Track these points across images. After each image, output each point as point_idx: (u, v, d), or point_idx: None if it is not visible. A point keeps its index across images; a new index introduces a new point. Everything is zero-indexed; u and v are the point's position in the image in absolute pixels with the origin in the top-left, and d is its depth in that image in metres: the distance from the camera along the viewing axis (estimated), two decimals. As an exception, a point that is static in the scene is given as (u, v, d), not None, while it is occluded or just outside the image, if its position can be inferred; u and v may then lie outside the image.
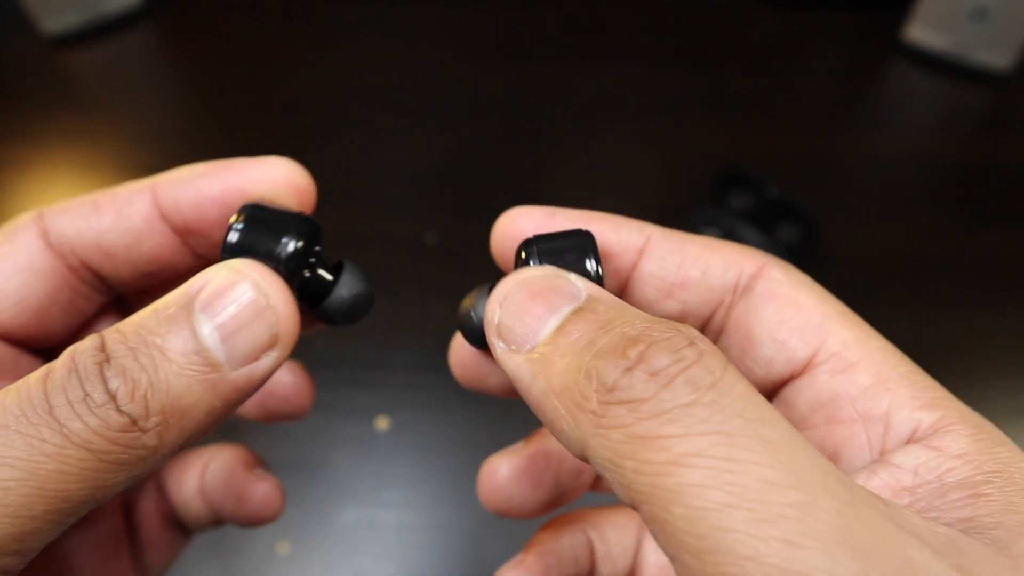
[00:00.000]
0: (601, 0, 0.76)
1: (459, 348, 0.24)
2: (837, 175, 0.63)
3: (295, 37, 0.74)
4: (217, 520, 0.28)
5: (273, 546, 0.45)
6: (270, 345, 0.18)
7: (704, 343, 0.15)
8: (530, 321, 0.17)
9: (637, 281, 0.22)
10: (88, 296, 0.23)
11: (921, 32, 0.69)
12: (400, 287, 0.55)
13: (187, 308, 0.17)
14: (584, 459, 0.16)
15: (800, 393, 0.20)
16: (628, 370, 0.15)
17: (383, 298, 0.57)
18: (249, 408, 0.26)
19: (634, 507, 0.15)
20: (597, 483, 0.26)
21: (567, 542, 0.24)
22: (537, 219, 0.22)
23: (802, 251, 0.56)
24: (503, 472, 0.24)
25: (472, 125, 0.67)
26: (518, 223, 0.22)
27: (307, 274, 0.20)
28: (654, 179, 0.63)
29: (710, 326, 0.22)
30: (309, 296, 0.21)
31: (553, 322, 0.17)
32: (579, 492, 0.25)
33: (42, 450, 0.16)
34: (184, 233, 0.22)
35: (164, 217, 0.21)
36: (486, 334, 0.18)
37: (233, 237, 0.19)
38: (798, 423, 0.20)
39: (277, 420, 0.27)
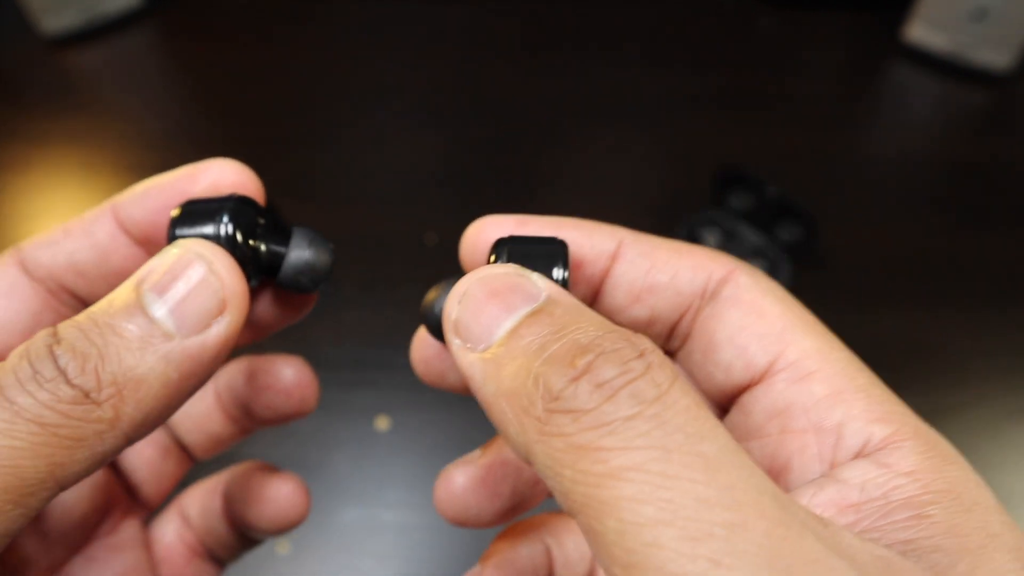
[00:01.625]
0: (601, 0, 0.76)
1: (421, 342, 0.24)
2: (837, 175, 0.63)
3: (295, 37, 0.74)
4: (246, 540, 0.28)
5: (273, 546, 0.45)
6: (219, 311, 0.18)
7: (654, 355, 0.15)
8: (486, 320, 0.17)
9: (609, 286, 0.22)
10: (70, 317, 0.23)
11: (921, 32, 0.69)
12: (400, 287, 0.55)
13: (137, 289, 0.18)
14: (529, 464, 0.16)
15: (757, 401, 0.20)
16: (574, 379, 0.15)
17: (384, 298, 0.57)
18: (258, 410, 0.26)
19: (572, 515, 0.15)
20: None
21: (525, 551, 0.24)
22: (509, 228, 0.22)
23: (802, 251, 0.56)
24: (459, 482, 0.23)
25: (472, 125, 0.67)
26: (488, 232, 0.22)
27: (258, 248, 0.21)
28: (654, 179, 0.63)
29: (678, 330, 0.22)
30: (269, 270, 0.22)
31: (508, 323, 0.17)
32: (538, 500, 0.25)
33: None
34: (145, 243, 0.22)
35: (126, 232, 0.22)
36: (443, 330, 0.18)
37: (173, 230, 0.20)
38: (753, 431, 0.20)
39: (285, 418, 0.27)
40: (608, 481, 0.14)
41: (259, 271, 0.21)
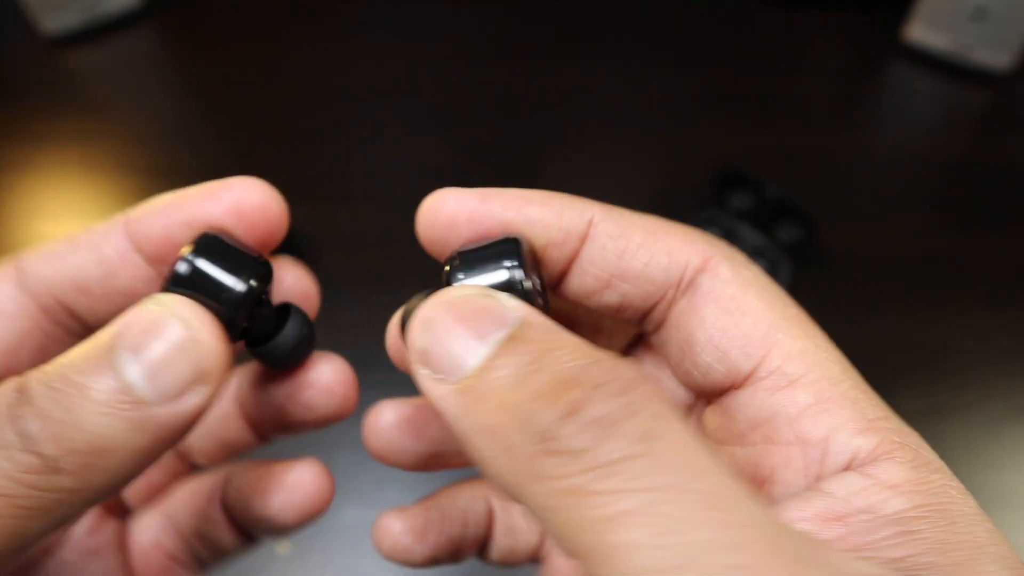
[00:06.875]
0: (601, 1, 0.76)
1: (394, 338, 0.24)
2: (837, 175, 0.63)
3: (295, 37, 0.74)
4: (243, 541, 0.26)
5: (273, 546, 0.45)
6: (196, 381, 0.17)
7: (642, 386, 0.15)
8: (457, 349, 0.16)
9: (578, 268, 0.21)
10: (61, 340, 0.22)
11: (921, 32, 0.69)
12: (400, 287, 0.55)
13: (112, 346, 0.16)
14: (517, 501, 0.15)
15: (740, 408, 0.19)
16: (564, 417, 0.14)
17: (384, 298, 0.57)
18: (294, 411, 0.25)
19: (571, 557, 0.14)
20: None
21: (462, 503, 0.25)
22: (469, 205, 0.21)
23: (802, 251, 0.56)
24: (387, 417, 0.25)
25: (472, 125, 0.67)
26: (445, 209, 0.21)
27: (252, 316, 0.20)
28: (654, 179, 0.63)
29: (651, 317, 0.21)
30: (251, 337, 0.21)
31: (482, 352, 0.16)
32: (463, 459, 0.24)
33: None
34: (157, 262, 0.21)
35: (138, 248, 0.21)
36: (409, 359, 0.17)
37: (181, 269, 0.18)
38: (735, 436, 0.20)
39: (323, 421, 0.25)
40: (609, 527, 0.13)
41: (244, 338, 0.20)
